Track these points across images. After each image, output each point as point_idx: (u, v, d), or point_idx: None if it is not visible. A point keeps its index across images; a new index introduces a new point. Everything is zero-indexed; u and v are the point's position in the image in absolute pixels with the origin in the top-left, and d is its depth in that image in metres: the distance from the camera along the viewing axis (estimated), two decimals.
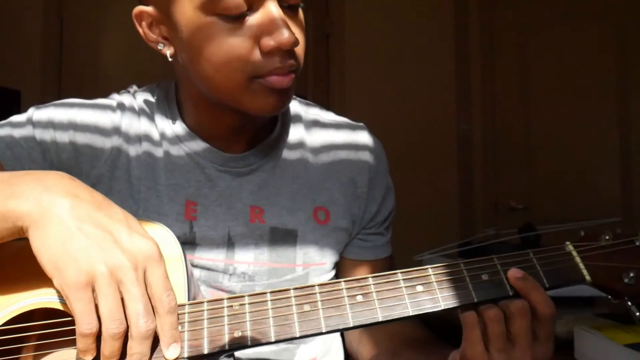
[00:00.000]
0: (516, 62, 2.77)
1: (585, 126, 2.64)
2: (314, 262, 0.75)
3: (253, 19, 0.62)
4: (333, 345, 0.81)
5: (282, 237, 0.74)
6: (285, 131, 0.78)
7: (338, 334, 0.83)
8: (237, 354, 0.71)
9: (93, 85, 2.47)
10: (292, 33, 0.62)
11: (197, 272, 0.72)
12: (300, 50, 0.66)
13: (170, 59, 0.70)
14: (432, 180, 2.70)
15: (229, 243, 0.72)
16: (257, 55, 0.63)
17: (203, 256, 0.72)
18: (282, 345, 0.74)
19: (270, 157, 0.76)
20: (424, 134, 2.69)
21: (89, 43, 2.54)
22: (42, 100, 0.81)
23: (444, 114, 2.75)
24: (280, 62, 0.63)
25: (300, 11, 0.68)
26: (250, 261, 0.73)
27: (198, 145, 0.74)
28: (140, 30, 0.69)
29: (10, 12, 2.44)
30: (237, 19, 0.62)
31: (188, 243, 0.71)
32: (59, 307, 0.57)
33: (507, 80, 2.78)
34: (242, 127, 0.73)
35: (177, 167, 0.73)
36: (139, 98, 0.77)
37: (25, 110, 0.75)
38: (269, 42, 0.62)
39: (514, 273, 0.56)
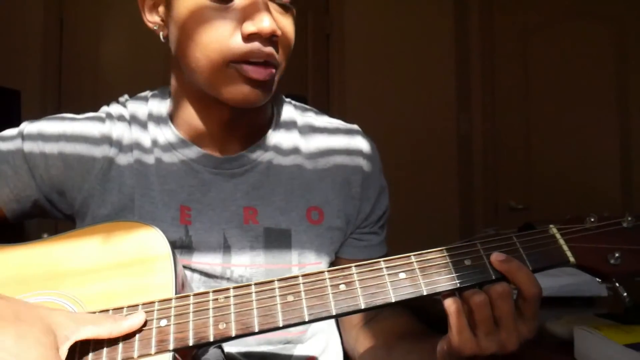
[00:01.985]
0: (516, 62, 2.77)
1: (585, 126, 2.64)
2: (310, 262, 0.75)
3: (238, 4, 0.65)
4: (330, 343, 0.81)
5: (277, 237, 0.74)
6: (279, 133, 0.79)
7: (335, 331, 0.84)
8: (235, 353, 0.71)
9: (93, 86, 2.47)
10: (273, 22, 0.64)
11: (195, 277, 0.72)
12: (283, 46, 0.68)
13: (163, 40, 0.72)
14: (432, 180, 2.70)
15: (225, 246, 0.72)
16: (237, 39, 0.65)
17: (200, 260, 0.72)
18: (279, 345, 0.74)
19: (264, 158, 0.76)
20: (424, 134, 2.69)
21: (89, 43, 2.54)
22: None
23: (444, 114, 2.75)
24: (257, 48, 0.64)
25: (291, 14, 0.70)
26: (247, 264, 0.73)
27: (192, 151, 0.74)
28: (142, 11, 0.72)
29: (10, 12, 2.44)
30: (223, 1, 0.65)
31: (185, 247, 0.71)
32: (54, 307, 0.57)
33: (507, 81, 2.78)
34: (233, 123, 0.73)
35: (170, 173, 0.74)
36: (130, 107, 0.78)
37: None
38: (249, 26, 0.64)
39: (496, 257, 0.57)
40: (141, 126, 0.76)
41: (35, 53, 2.46)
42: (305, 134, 0.81)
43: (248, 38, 0.64)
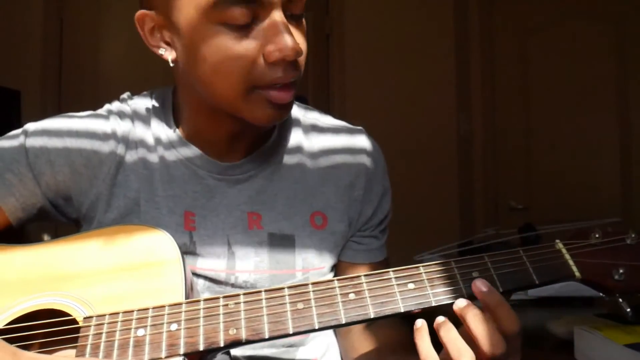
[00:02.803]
0: (516, 62, 2.77)
1: (585, 126, 2.64)
2: (313, 267, 0.75)
3: (258, 29, 0.62)
4: (331, 346, 0.81)
5: (280, 243, 0.73)
6: (283, 137, 0.78)
7: (334, 337, 0.83)
8: (239, 356, 0.71)
9: (93, 85, 2.47)
10: (296, 43, 0.62)
11: (200, 282, 0.72)
12: (302, 59, 0.67)
13: (171, 64, 0.69)
14: (432, 180, 2.70)
15: (230, 252, 0.72)
16: (260, 65, 0.63)
17: (205, 266, 0.71)
18: (281, 348, 0.74)
19: (268, 164, 0.76)
20: (424, 134, 2.69)
21: (89, 43, 2.54)
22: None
23: (444, 114, 2.75)
24: (283, 72, 0.63)
25: (303, 20, 0.68)
26: (251, 269, 0.72)
27: (194, 153, 0.73)
28: (142, 34, 0.69)
29: (10, 12, 2.44)
30: (242, 28, 0.62)
31: (189, 253, 0.71)
32: (63, 308, 0.57)
33: (507, 80, 2.78)
34: (241, 134, 0.73)
35: (175, 177, 0.73)
36: (133, 105, 0.77)
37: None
38: (273, 52, 0.62)
39: (480, 286, 0.55)
40: (144, 122, 0.75)
41: (35, 53, 2.46)
42: (308, 133, 0.80)
43: (273, 63, 0.62)
